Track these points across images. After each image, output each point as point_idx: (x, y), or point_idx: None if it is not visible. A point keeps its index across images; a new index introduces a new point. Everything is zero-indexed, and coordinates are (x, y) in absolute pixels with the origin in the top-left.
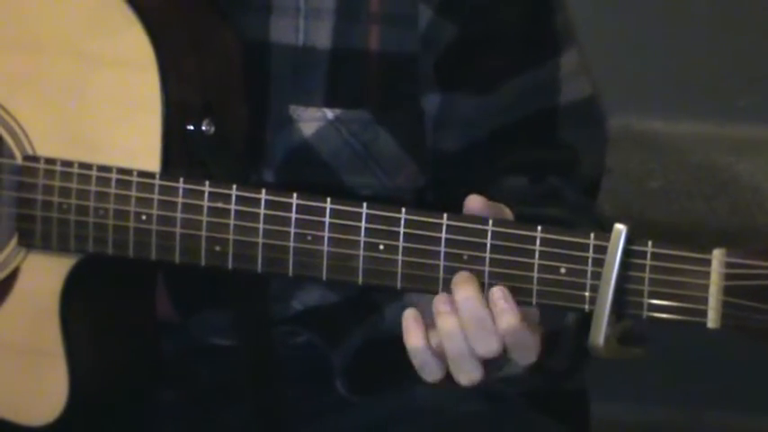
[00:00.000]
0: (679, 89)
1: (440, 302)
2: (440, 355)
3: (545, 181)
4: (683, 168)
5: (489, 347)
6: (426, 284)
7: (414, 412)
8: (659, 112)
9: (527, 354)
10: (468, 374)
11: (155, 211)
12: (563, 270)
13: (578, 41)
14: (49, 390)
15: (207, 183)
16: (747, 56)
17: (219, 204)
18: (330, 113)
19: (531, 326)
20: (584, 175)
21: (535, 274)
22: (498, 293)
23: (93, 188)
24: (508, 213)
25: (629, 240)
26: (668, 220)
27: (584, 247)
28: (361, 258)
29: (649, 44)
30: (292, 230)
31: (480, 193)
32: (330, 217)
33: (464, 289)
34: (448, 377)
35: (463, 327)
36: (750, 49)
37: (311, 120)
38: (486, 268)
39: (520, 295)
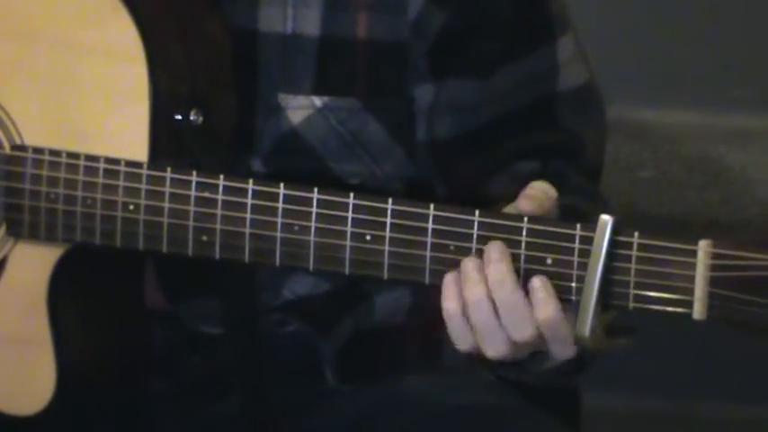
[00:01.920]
0: (671, 79)
1: (469, 267)
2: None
3: (552, 165)
4: (674, 158)
5: (523, 334)
6: (413, 275)
7: (403, 402)
8: (651, 101)
9: (565, 348)
10: (494, 347)
11: (142, 201)
12: (549, 261)
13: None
14: (37, 379)
15: (194, 173)
16: (741, 46)
17: (207, 194)
18: (318, 101)
19: (570, 319)
20: (588, 160)
21: (522, 265)
22: (538, 283)
23: (80, 178)
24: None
25: (615, 231)
26: (659, 210)
27: (571, 238)
28: (348, 249)
29: (642, 33)
30: (279, 220)
31: (488, 179)
32: (317, 207)
33: (497, 269)
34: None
35: (497, 308)
36: (743, 39)
37: (299, 107)
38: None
39: None
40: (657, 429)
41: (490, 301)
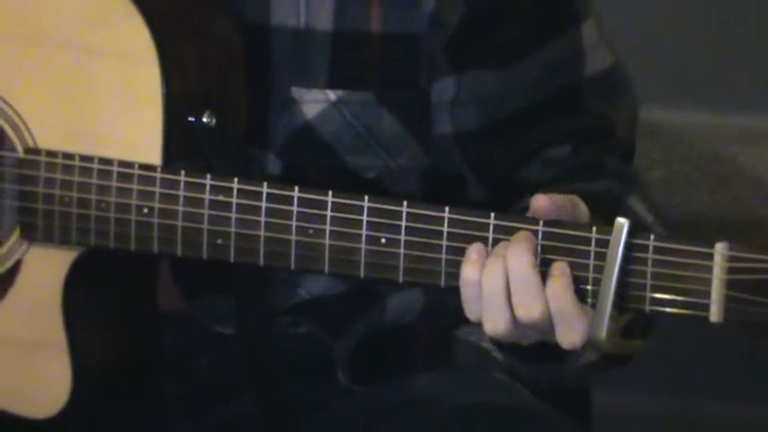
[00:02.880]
0: (683, 79)
1: (500, 246)
2: None
3: (585, 149)
4: (685, 159)
5: (530, 311)
6: (428, 278)
7: (414, 402)
8: (662, 102)
9: (571, 332)
10: (493, 321)
11: (156, 204)
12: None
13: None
14: (51, 382)
15: (208, 176)
16: (751, 46)
17: (221, 197)
18: (332, 95)
19: (580, 305)
20: (620, 141)
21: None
22: (558, 263)
23: (94, 181)
24: (582, 208)
25: (631, 234)
26: (671, 210)
27: (587, 241)
28: (362, 252)
29: (652, 34)
30: (294, 224)
31: (521, 166)
32: (332, 210)
33: (519, 245)
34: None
35: (509, 281)
36: (754, 39)
37: (313, 101)
38: None
39: None
40: (668, 429)
41: (505, 273)
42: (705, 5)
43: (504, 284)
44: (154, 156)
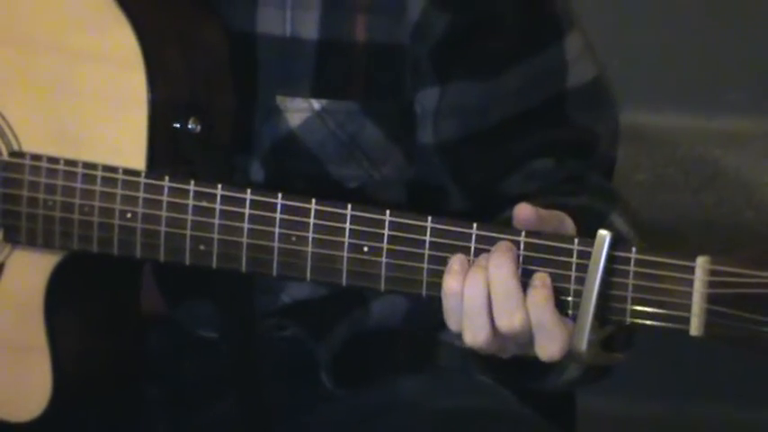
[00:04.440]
0: (667, 82)
1: (481, 258)
2: None
3: (568, 163)
4: (670, 161)
5: (510, 321)
6: (410, 287)
7: (399, 406)
8: (647, 105)
9: (550, 344)
10: (473, 332)
11: (140, 210)
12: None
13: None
14: (33, 386)
15: (192, 182)
16: (736, 49)
17: (204, 203)
18: (317, 104)
19: (560, 317)
20: (602, 155)
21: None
22: (539, 274)
23: (78, 185)
24: (569, 224)
25: (612, 246)
26: (655, 213)
27: (569, 253)
28: (345, 260)
29: (637, 37)
30: (277, 231)
31: (503, 178)
32: (315, 218)
33: (500, 255)
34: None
35: (490, 290)
36: (738, 42)
37: (298, 110)
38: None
39: None
40: None
41: (486, 284)
42: (689, 8)
43: (486, 294)
44: (138, 161)
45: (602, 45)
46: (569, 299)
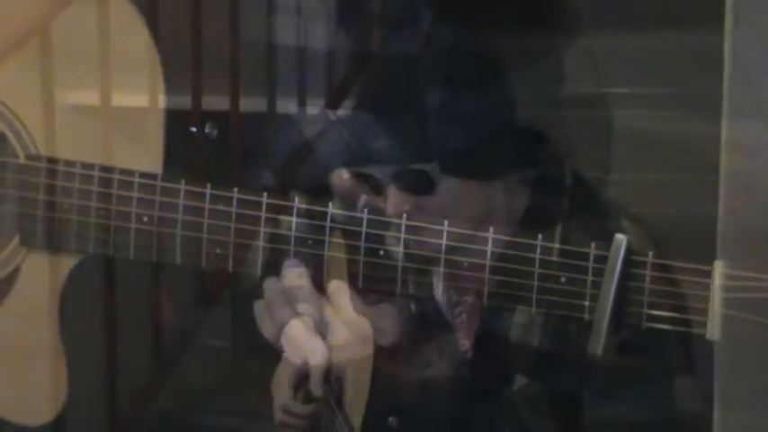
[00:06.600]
0: (675, 85)
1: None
2: None
3: (559, 174)
4: (679, 167)
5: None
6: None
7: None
8: (655, 109)
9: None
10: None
11: (156, 213)
12: (563, 279)
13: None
14: (47, 389)
15: (208, 185)
16: (745, 51)
17: (221, 207)
18: (331, 114)
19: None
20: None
21: (535, 283)
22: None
23: (95, 188)
24: None
25: (629, 251)
26: (661, 218)
27: (585, 257)
28: (361, 263)
29: (640, 37)
30: (293, 234)
31: (491, 184)
32: (331, 221)
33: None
34: None
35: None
36: (747, 46)
37: (313, 120)
38: (487, 275)
39: (519, 302)
40: None
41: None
42: (697, 11)
43: None
44: (155, 164)
45: (602, 45)
46: (585, 303)
